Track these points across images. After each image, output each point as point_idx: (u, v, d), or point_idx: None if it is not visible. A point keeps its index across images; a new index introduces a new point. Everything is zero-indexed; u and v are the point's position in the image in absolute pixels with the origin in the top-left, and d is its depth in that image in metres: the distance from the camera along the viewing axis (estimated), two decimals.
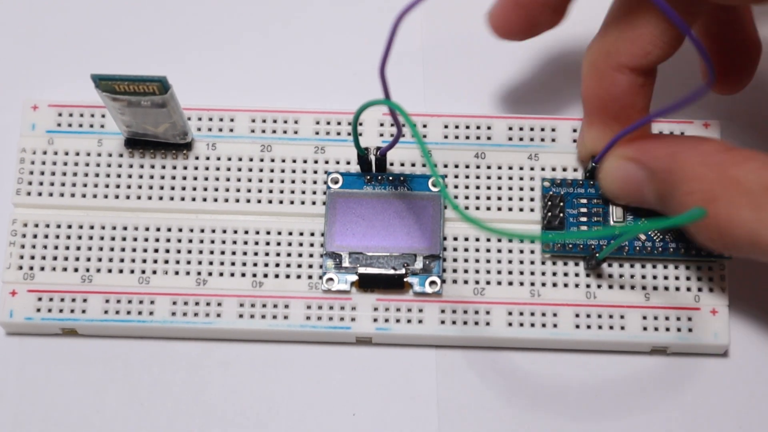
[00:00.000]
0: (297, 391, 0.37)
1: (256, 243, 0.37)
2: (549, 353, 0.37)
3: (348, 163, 0.38)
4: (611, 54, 0.34)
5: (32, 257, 0.37)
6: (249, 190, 0.38)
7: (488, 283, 0.37)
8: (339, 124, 0.38)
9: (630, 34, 0.34)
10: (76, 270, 0.37)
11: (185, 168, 0.38)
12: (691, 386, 0.37)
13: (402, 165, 0.38)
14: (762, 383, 0.37)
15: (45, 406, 0.37)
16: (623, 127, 0.34)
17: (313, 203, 0.37)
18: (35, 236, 0.37)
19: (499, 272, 0.37)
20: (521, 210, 0.37)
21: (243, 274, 0.37)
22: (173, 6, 0.42)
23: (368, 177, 0.37)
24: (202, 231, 0.37)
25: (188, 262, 0.37)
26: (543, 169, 0.38)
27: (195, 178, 0.38)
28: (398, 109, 0.32)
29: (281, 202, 0.38)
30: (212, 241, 0.37)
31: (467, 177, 0.38)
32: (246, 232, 0.37)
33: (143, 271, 0.37)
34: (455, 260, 0.37)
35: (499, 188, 0.38)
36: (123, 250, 0.37)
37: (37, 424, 0.37)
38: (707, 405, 0.37)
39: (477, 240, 0.37)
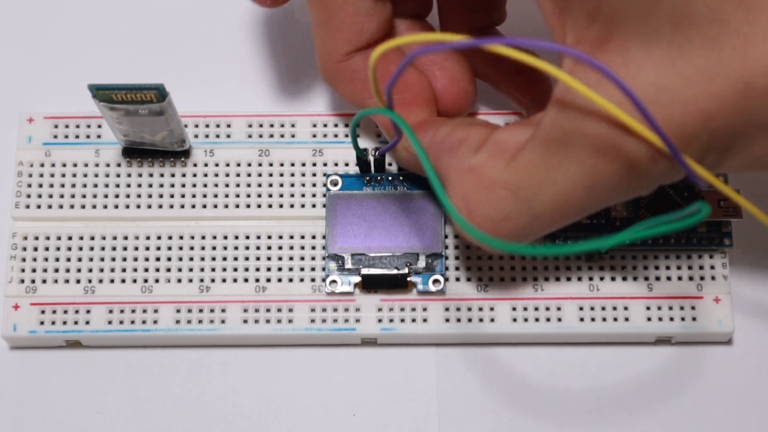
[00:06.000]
0: (298, 393, 0.37)
1: (258, 248, 0.37)
2: (553, 347, 0.37)
3: (347, 164, 0.38)
4: (332, 52, 0.34)
5: (33, 270, 0.37)
6: (248, 195, 0.38)
7: (491, 279, 0.37)
8: (336, 126, 0.38)
9: (335, 23, 0.34)
10: (78, 281, 0.37)
11: (184, 175, 0.38)
12: (697, 375, 0.37)
13: None
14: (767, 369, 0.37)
15: (51, 420, 0.37)
16: (417, 96, 0.34)
17: (313, 206, 0.37)
18: (36, 249, 0.37)
19: (501, 268, 0.37)
20: None
21: (246, 280, 0.37)
22: (165, 14, 0.42)
23: (367, 178, 0.37)
24: (203, 238, 0.37)
25: (190, 270, 0.37)
26: None
27: (194, 185, 0.38)
28: (398, 120, 0.31)
29: (281, 206, 0.37)
30: (214, 248, 0.37)
31: None
32: (247, 237, 0.37)
33: (146, 280, 0.37)
34: (457, 258, 0.37)
35: None
36: (125, 259, 0.37)
37: None
38: (714, 393, 0.37)
39: None
